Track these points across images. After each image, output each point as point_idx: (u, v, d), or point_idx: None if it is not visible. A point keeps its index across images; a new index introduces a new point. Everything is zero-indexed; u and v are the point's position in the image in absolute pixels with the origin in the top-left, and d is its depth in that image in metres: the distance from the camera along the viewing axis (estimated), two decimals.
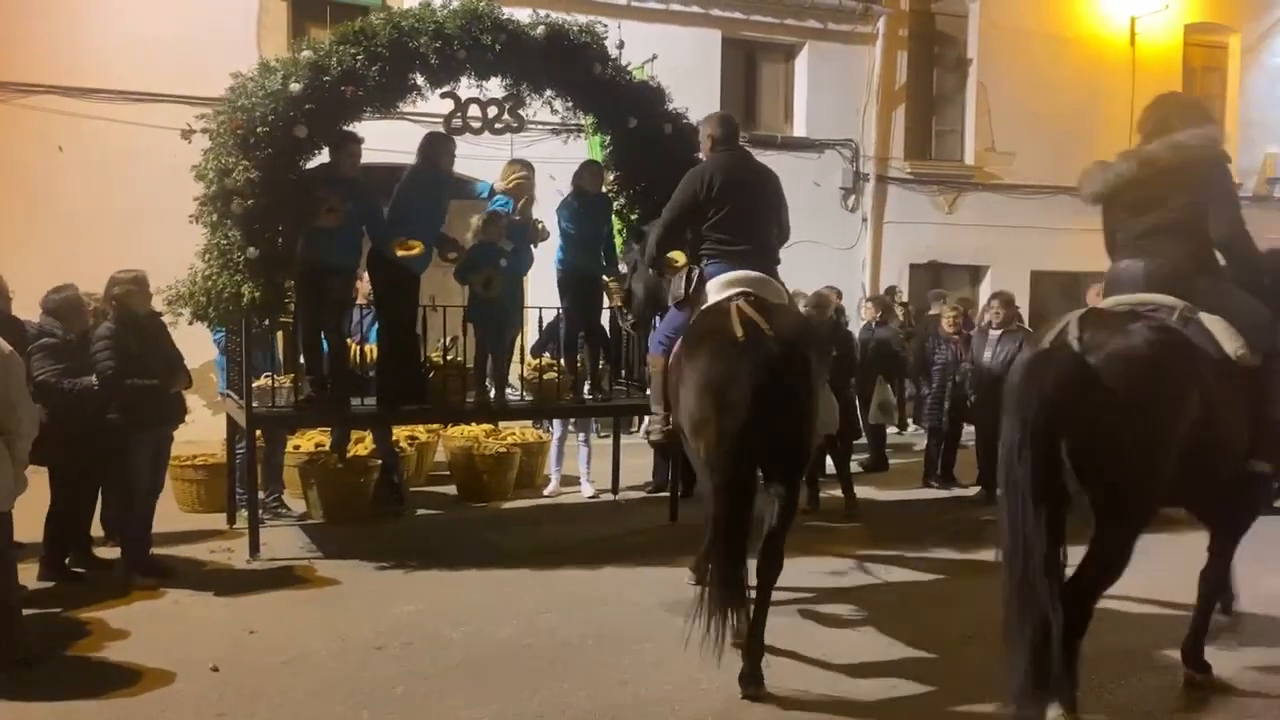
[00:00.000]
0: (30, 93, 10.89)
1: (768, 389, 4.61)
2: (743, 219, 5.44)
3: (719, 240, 5.45)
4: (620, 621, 5.82)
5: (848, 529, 8.23)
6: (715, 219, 5.44)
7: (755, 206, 5.52)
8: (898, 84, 14.53)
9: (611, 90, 7.41)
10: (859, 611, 6.10)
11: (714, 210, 5.43)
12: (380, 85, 6.76)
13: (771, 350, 4.68)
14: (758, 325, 4.72)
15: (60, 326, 6.44)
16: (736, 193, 5.45)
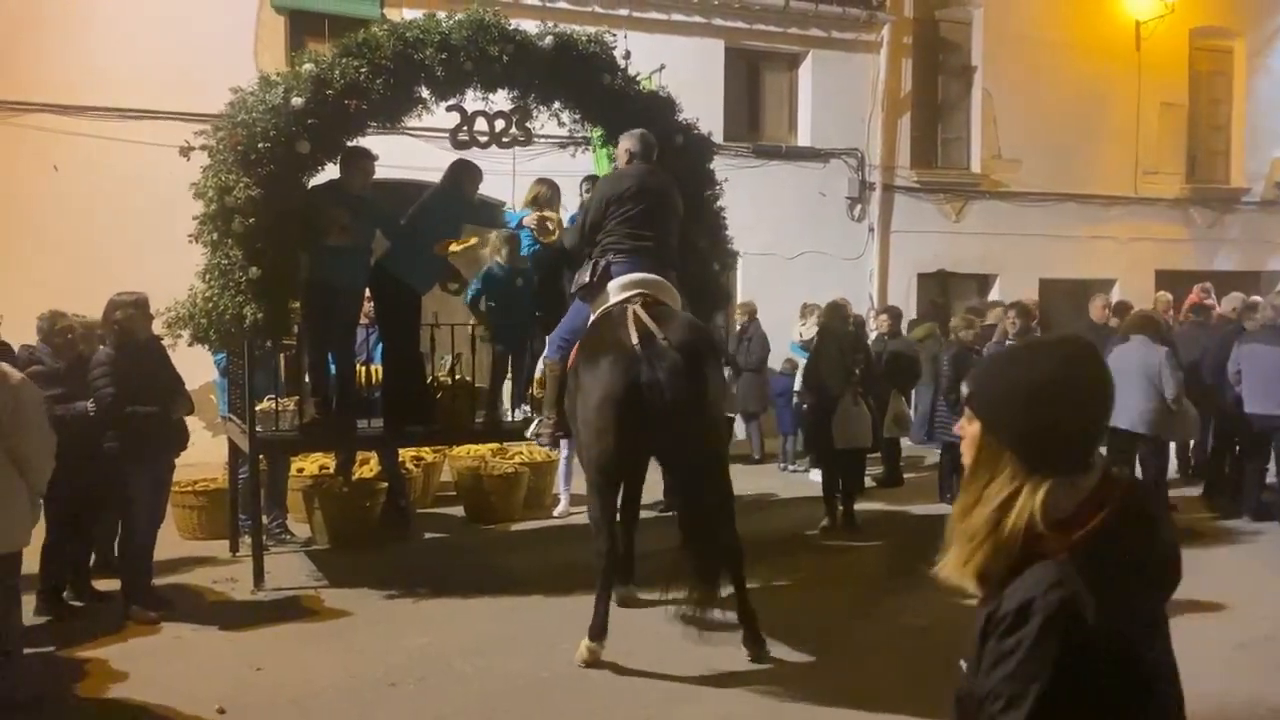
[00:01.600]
0: (25, 111, 10.68)
1: (666, 396, 4.85)
2: (649, 220, 5.76)
3: (627, 234, 5.72)
4: (641, 651, 5.59)
5: (867, 548, 8.01)
6: (625, 216, 5.74)
7: (663, 213, 5.85)
8: (903, 92, 14.35)
9: (621, 101, 7.21)
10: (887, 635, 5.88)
11: (626, 209, 5.74)
12: (385, 98, 6.57)
13: (668, 358, 4.93)
14: (653, 334, 4.96)
15: (50, 353, 6.23)
16: (647, 197, 5.79)
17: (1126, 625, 1.64)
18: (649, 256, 5.70)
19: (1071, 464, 1.71)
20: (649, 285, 5.54)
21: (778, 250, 13.09)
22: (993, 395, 1.78)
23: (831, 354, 8.64)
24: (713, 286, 7.72)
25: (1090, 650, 1.60)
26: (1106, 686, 1.62)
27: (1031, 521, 1.66)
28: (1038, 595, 1.62)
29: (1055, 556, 1.64)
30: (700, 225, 7.55)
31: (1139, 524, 1.70)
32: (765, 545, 8.00)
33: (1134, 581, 1.67)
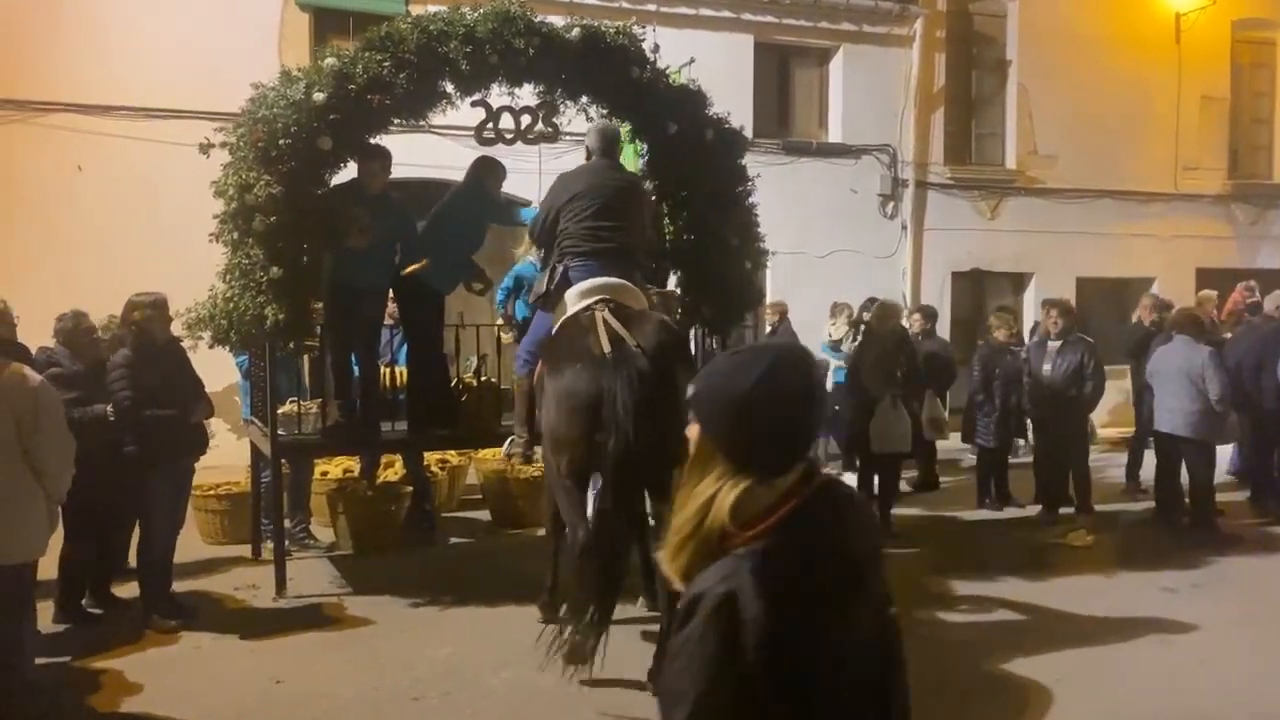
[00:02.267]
0: (49, 111, 10.61)
1: (640, 403, 4.60)
2: (606, 218, 5.47)
3: (583, 236, 5.46)
4: None
5: (908, 556, 7.75)
6: (579, 216, 5.47)
7: (623, 210, 5.55)
8: (936, 87, 14.04)
9: (650, 95, 7.00)
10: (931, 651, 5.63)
11: (578, 209, 5.48)
12: (408, 93, 6.38)
13: (639, 364, 4.67)
14: (623, 339, 4.72)
15: (69, 355, 6.10)
16: (603, 194, 5.51)
17: (797, 625, 1.65)
18: (608, 258, 5.42)
19: (771, 466, 1.76)
20: (609, 290, 5.25)
21: (808, 249, 12.83)
22: (706, 398, 1.84)
23: (874, 355, 8.40)
24: (745, 285, 7.50)
25: (752, 647, 1.61)
26: (763, 686, 1.62)
27: (724, 519, 1.71)
28: (705, 590, 1.67)
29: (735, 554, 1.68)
30: (732, 222, 7.34)
31: (815, 524, 1.72)
32: None
33: (808, 581, 1.68)
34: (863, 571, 1.79)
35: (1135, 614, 6.24)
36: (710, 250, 7.28)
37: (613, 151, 5.80)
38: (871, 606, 1.81)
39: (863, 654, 1.78)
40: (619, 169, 5.79)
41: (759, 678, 1.63)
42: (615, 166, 5.80)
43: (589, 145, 5.85)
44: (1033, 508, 9.12)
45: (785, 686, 1.66)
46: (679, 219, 7.52)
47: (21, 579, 4.56)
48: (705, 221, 7.27)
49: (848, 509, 1.83)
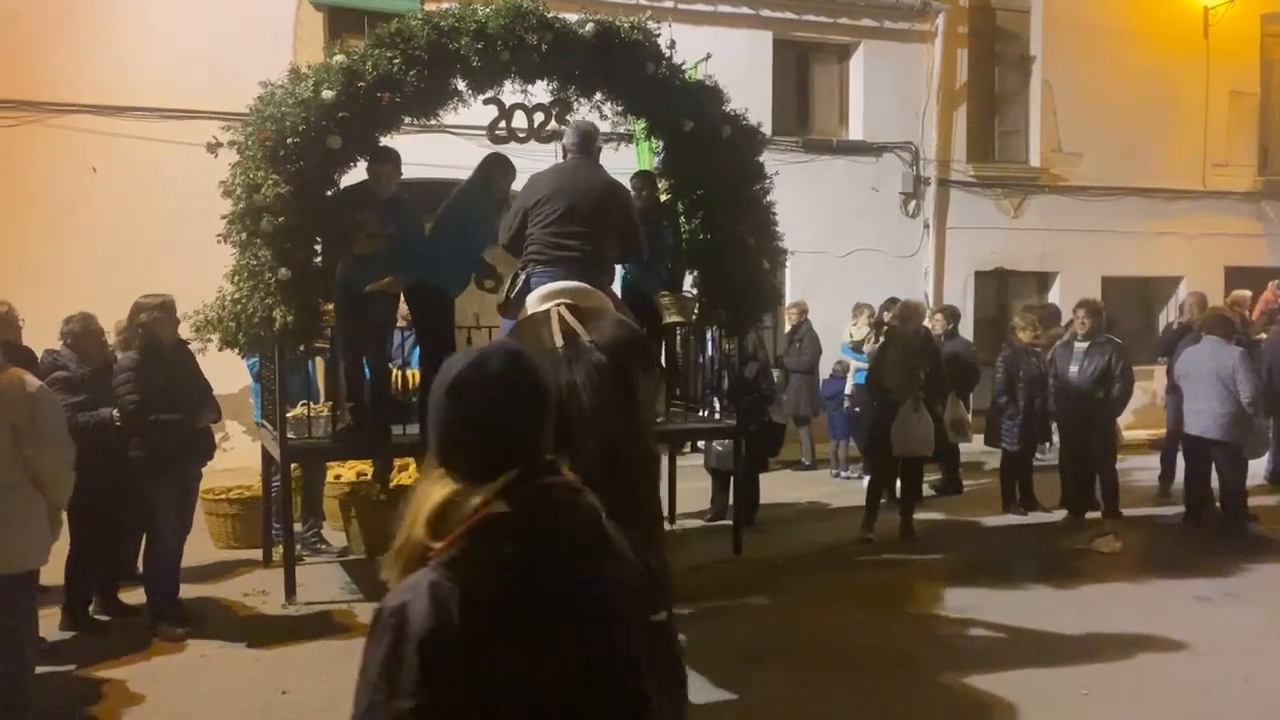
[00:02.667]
0: (63, 112, 10.57)
1: (589, 400, 4.40)
2: (571, 221, 5.22)
3: (547, 242, 5.24)
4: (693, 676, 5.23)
5: (930, 562, 7.58)
6: (544, 221, 5.25)
7: (590, 212, 5.26)
8: (958, 83, 13.83)
9: (666, 91, 6.85)
10: (955, 661, 5.46)
11: (543, 213, 5.26)
12: (419, 91, 6.27)
13: (594, 357, 4.47)
14: (577, 334, 4.54)
15: (75, 359, 6.01)
16: (568, 196, 5.26)
17: (475, 644, 1.57)
18: (573, 265, 5.17)
19: (472, 471, 1.68)
20: (570, 293, 5.01)
21: (828, 248, 12.66)
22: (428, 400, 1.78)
23: (896, 357, 8.22)
24: (762, 285, 7.35)
25: (414, 664, 1.55)
26: (432, 707, 1.55)
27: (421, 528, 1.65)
28: (383, 603, 1.62)
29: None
30: (749, 221, 7.19)
31: (512, 535, 1.61)
32: (812, 557, 7.66)
33: (494, 597, 1.60)
34: (581, 590, 1.66)
35: (1167, 624, 6.03)
36: (727, 250, 7.14)
37: (589, 148, 5.53)
38: (599, 629, 1.66)
39: (580, 683, 1.63)
40: (594, 168, 5.51)
41: (425, 696, 1.55)
42: (591, 165, 5.51)
43: (564, 143, 5.64)
44: (1058, 512, 8.93)
45: (454, 708, 1.57)
46: (694, 218, 7.38)
47: (22, 589, 4.45)
48: (722, 221, 7.13)
49: (566, 521, 1.70)
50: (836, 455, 11.10)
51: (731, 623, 6.13)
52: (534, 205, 5.31)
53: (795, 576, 7.14)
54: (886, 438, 8.10)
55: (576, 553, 1.68)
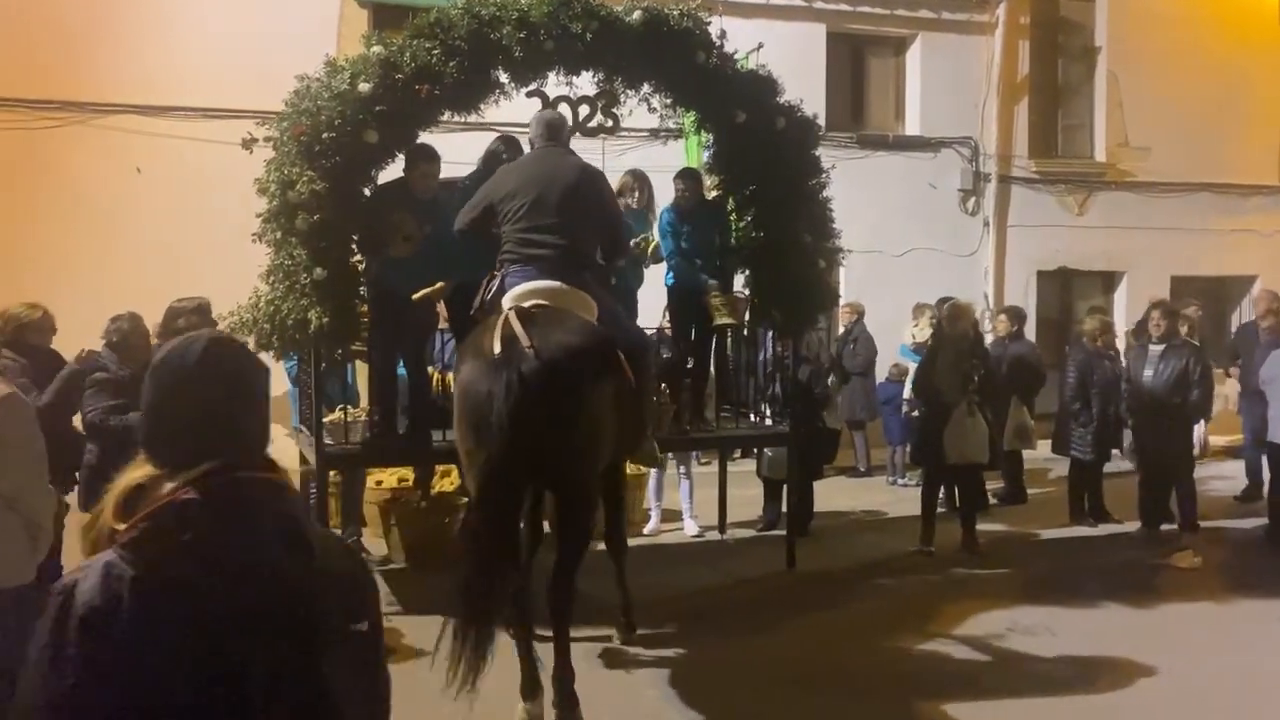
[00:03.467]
0: (108, 113, 10.53)
1: (524, 408, 4.14)
2: (542, 215, 4.92)
3: (518, 239, 4.96)
4: (742, 701, 4.92)
5: (995, 577, 7.18)
6: (514, 217, 4.97)
7: (562, 203, 4.94)
8: (1019, 76, 13.33)
9: (717, 81, 6.53)
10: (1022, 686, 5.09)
11: (512, 209, 4.98)
12: (458, 83, 6.00)
13: (526, 366, 4.21)
14: (517, 339, 4.28)
15: (116, 360, 5.85)
16: (536, 187, 4.98)
17: (135, 633, 1.53)
18: (546, 262, 4.86)
19: (163, 456, 1.67)
20: (542, 293, 4.73)
21: (884, 247, 12.22)
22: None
23: (947, 359, 7.83)
24: (817, 285, 7.01)
25: (74, 644, 1.53)
26: (88, 692, 1.52)
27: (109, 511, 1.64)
28: (60, 581, 1.62)
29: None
30: (804, 218, 6.84)
31: (190, 526, 1.59)
32: (868, 571, 7.30)
33: (164, 588, 1.56)
34: (262, 587, 1.61)
35: (1254, 649, 5.61)
36: (780, 248, 6.80)
37: (558, 137, 5.28)
38: (276, 628, 1.61)
39: (249, 678, 1.58)
40: (563, 154, 5.21)
41: (87, 676, 1.53)
42: (559, 152, 5.21)
43: (530, 137, 5.40)
44: (1131, 524, 8.46)
45: (116, 690, 1.53)
46: (746, 215, 7.05)
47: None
48: (775, 217, 6.79)
49: (255, 517, 1.65)
50: (893, 461, 10.72)
51: (782, 641, 5.80)
52: (501, 200, 5.03)
53: (851, 591, 6.80)
54: (938, 444, 7.72)
55: (261, 549, 1.63)
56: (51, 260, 10.05)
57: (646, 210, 7.26)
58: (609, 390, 4.52)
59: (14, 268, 9.85)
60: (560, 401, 4.26)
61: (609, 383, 4.52)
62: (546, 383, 4.22)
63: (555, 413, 4.24)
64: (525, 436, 4.16)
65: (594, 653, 5.64)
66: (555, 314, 4.62)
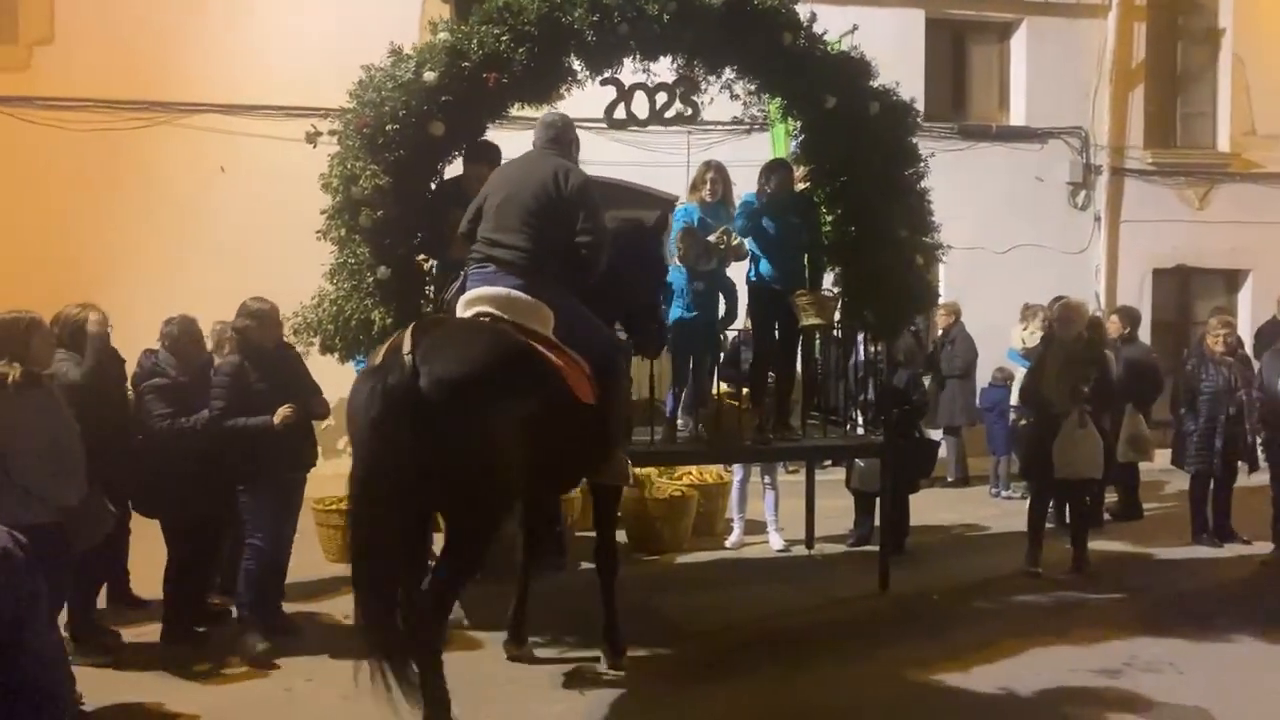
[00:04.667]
0: (193, 112, 10.56)
1: (387, 422, 3.81)
2: (504, 217, 4.75)
3: (482, 240, 4.80)
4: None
5: (1111, 603, 6.56)
6: (488, 216, 4.84)
7: (530, 210, 4.73)
8: (1135, 61, 12.51)
9: (805, 64, 6.07)
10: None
11: (490, 208, 4.85)
12: (528, 70, 5.68)
13: (394, 378, 3.84)
14: (399, 349, 4.00)
15: (175, 364, 5.69)
16: (504, 188, 4.84)
17: None
18: (505, 266, 4.62)
19: None
20: (491, 299, 4.49)
21: (986, 244, 11.56)
22: None
23: (1057, 365, 7.22)
24: (915, 284, 6.48)
25: None
26: None
27: None
28: None
29: None
30: (899, 210, 6.34)
31: None
32: (969, 593, 6.75)
33: None
34: None
35: None
36: (874, 243, 6.31)
37: (556, 138, 5.06)
38: None
39: None
40: (546, 157, 4.96)
41: None
42: (544, 155, 4.98)
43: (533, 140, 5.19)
44: (1261, 545, 7.71)
45: None
46: (837, 207, 6.57)
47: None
48: (869, 210, 6.30)
49: None
50: (995, 472, 10.10)
51: (871, 671, 5.32)
52: (483, 202, 4.91)
53: (950, 617, 6.26)
54: (1047, 457, 7.11)
55: None
56: (135, 259, 10.12)
57: (723, 203, 6.85)
58: (515, 413, 4.03)
59: (98, 266, 9.93)
60: (433, 419, 3.79)
61: (517, 405, 4.03)
62: (416, 398, 3.80)
63: (427, 430, 3.78)
64: (390, 452, 3.77)
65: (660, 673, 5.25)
66: (469, 329, 4.33)
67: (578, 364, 4.47)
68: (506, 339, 4.26)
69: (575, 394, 4.34)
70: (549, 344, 4.45)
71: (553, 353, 4.40)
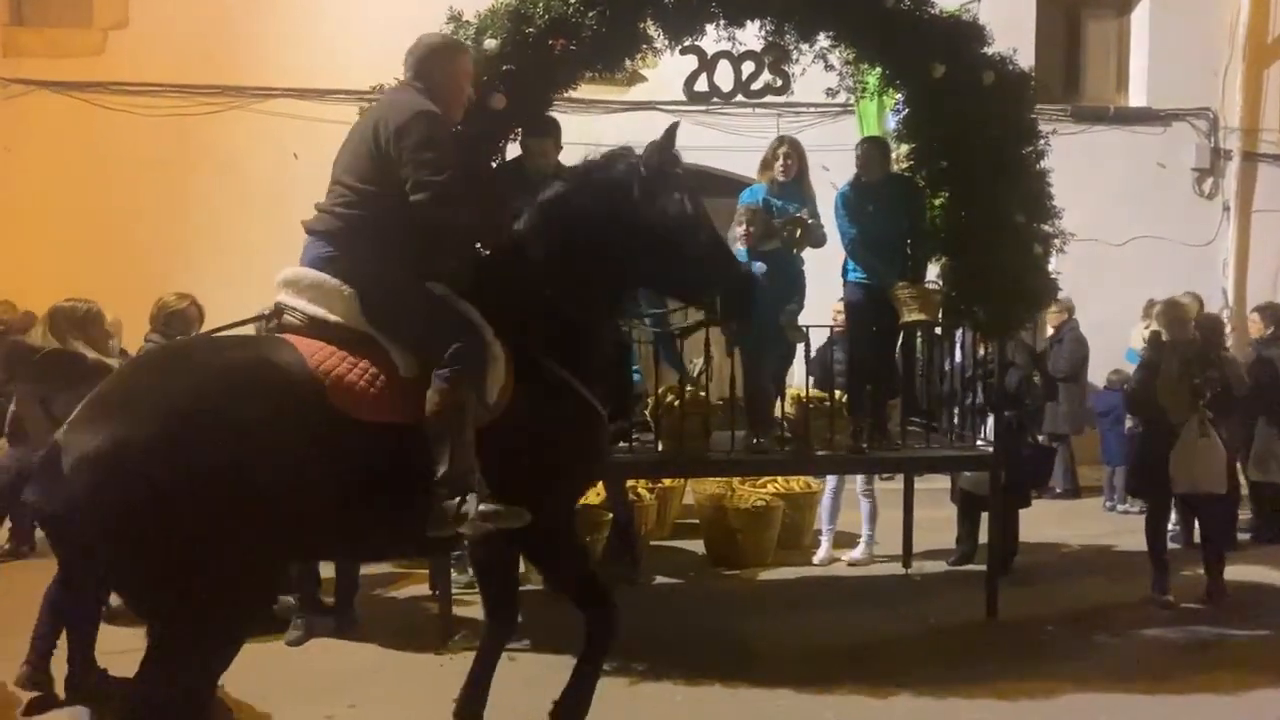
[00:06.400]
0: (266, 97, 10.34)
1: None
2: (339, 170, 3.71)
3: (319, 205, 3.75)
4: None
5: (1256, 642, 5.75)
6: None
7: (349, 164, 3.66)
8: (1271, 35, 11.46)
9: (909, 28, 5.40)
10: None
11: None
12: (599, 36, 5.14)
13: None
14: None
15: None
16: (351, 134, 3.80)
17: None
18: (312, 234, 3.65)
19: None
20: (287, 282, 3.57)
21: (1101, 235, 10.64)
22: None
23: (1171, 369, 6.41)
24: (1032, 278, 5.78)
25: None
26: None
27: None
28: None
29: None
30: (1017, 194, 5.63)
31: None
32: (1089, 623, 6.01)
33: None
34: None
35: None
36: (987, 230, 5.62)
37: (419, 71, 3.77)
38: None
39: None
40: (396, 93, 3.86)
41: None
42: (398, 93, 3.84)
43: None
44: None
45: None
46: (943, 191, 5.90)
47: None
48: (982, 192, 5.61)
49: None
50: (1111, 483, 9.27)
51: (975, 716, 4.66)
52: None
53: (1068, 652, 5.53)
54: (1163, 469, 6.32)
55: None
56: (208, 246, 9.99)
57: (798, 183, 6.20)
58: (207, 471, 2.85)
59: (171, 253, 9.82)
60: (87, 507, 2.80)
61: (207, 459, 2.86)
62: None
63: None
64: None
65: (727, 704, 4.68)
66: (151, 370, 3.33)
67: (372, 367, 3.32)
68: (205, 369, 3.12)
69: (347, 410, 3.19)
70: (334, 340, 3.36)
71: (325, 354, 3.28)
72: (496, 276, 3.69)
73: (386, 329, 3.43)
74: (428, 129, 3.51)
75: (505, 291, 3.63)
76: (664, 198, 3.71)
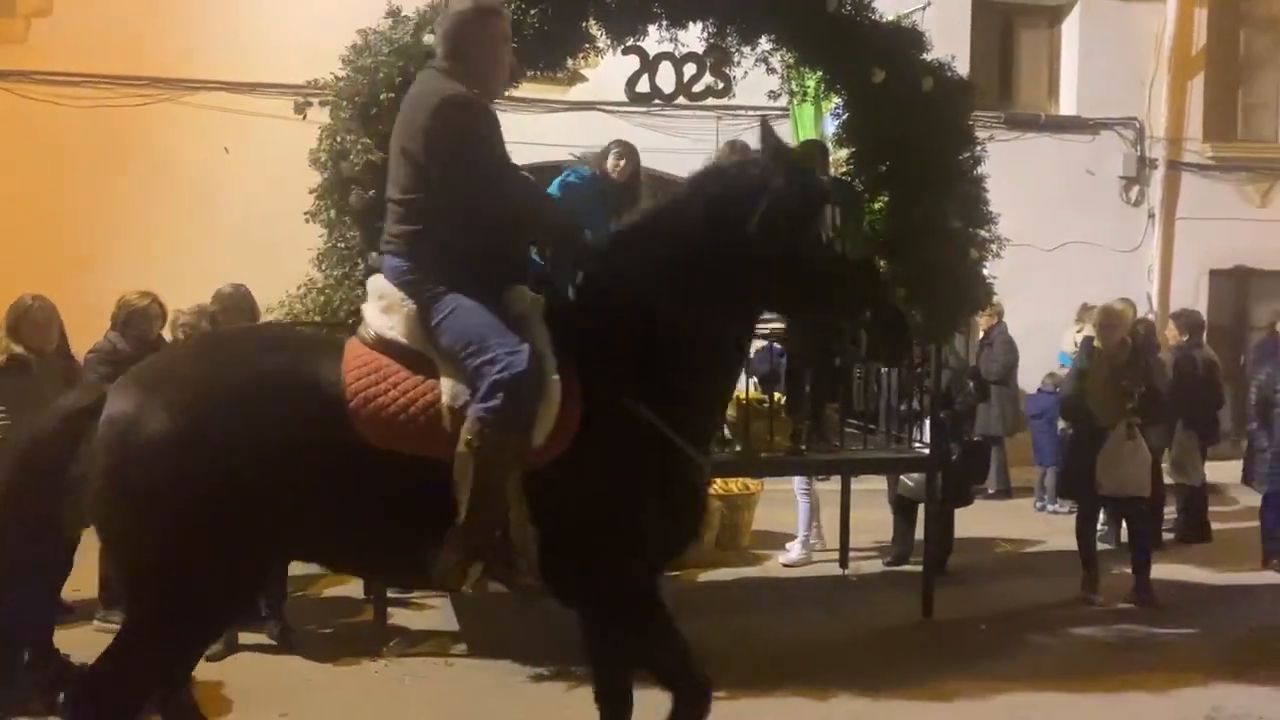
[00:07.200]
0: (196, 90, 10.07)
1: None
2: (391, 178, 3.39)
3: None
4: None
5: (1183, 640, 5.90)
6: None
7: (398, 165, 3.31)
8: (1195, 48, 11.84)
9: (850, 33, 5.47)
10: None
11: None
12: (541, 35, 5.11)
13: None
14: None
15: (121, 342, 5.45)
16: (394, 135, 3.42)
17: None
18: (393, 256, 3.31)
19: None
20: (372, 294, 3.30)
21: (1033, 240, 10.78)
22: None
23: (1103, 374, 6.58)
24: (971, 280, 5.87)
25: None
26: None
27: None
28: None
29: None
30: (953, 199, 5.72)
31: None
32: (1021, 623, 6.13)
33: None
34: None
35: None
36: (925, 234, 5.70)
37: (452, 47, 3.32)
38: None
39: None
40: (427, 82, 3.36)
41: None
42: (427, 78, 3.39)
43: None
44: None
45: None
46: (882, 195, 5.96)
47: None
48: (921, 197, 5.68)
49: None
50: (1042, 484, 9.46)
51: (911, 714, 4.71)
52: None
53: (1001, 651, 5.61)
54: (1090, 472, 6.47)
55: None
56: (136, 240, 9.69)
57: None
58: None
59: (97, 247, 9.52)
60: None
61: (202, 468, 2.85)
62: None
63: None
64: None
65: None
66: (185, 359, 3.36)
67: (415, 391, 3.01)
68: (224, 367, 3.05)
69: (368, 437, 2.93)
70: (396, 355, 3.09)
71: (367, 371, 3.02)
72: (581, 296, 3.29)
73: (439, 349, 3.06)
74: (458, 117, 3.12)
75: (587, 313, 3.19)
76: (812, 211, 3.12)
